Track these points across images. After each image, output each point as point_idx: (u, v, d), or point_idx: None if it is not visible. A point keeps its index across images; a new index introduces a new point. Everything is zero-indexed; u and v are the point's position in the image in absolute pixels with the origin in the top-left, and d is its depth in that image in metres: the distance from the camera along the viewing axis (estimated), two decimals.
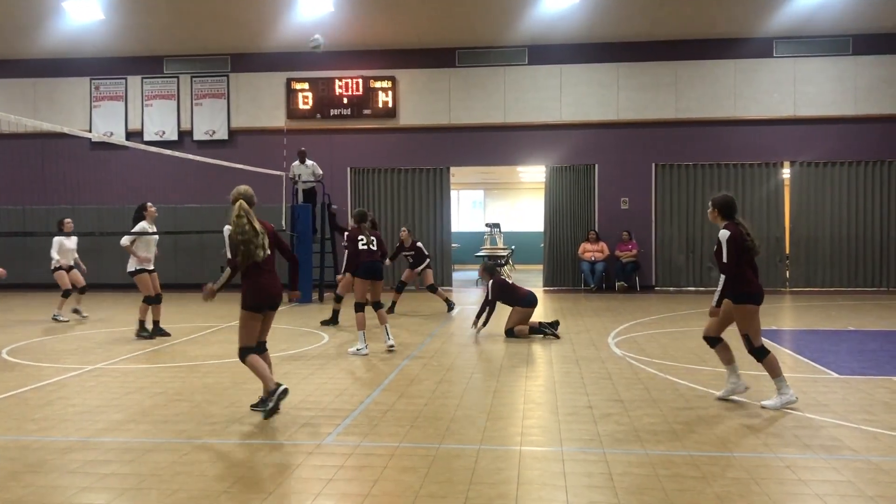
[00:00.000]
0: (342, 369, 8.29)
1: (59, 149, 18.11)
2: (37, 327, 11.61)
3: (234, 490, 4.51)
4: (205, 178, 17.22)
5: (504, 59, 17.94)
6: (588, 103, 17.79)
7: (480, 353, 9.33)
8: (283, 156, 16.58)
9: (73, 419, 6.17)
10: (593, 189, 17.91)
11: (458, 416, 6.21)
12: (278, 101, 18.32)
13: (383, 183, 18.36)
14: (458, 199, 27.37)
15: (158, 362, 8.76)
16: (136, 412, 6.40)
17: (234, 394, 7.01)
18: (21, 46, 17.97)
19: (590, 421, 6.01)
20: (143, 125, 18.60)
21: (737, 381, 6.63)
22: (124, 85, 18.67)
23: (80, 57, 18.45)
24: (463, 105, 18.03)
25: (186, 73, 18.57)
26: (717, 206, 6.64)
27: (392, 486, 4.60)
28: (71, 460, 5.09)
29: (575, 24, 16.73)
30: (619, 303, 14.99)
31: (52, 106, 18.51)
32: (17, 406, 6.65)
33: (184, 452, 5.24)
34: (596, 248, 17.41)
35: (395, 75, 18.06)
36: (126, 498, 4.41)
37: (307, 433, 5.73)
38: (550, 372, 8.10)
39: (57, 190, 18.30)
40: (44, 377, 7.87)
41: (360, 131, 18.23)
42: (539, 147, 18.01)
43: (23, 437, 5.66)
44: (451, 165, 18.35)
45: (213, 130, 18.51)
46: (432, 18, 16.76)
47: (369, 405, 6.57)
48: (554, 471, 4.83)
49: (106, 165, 18.32)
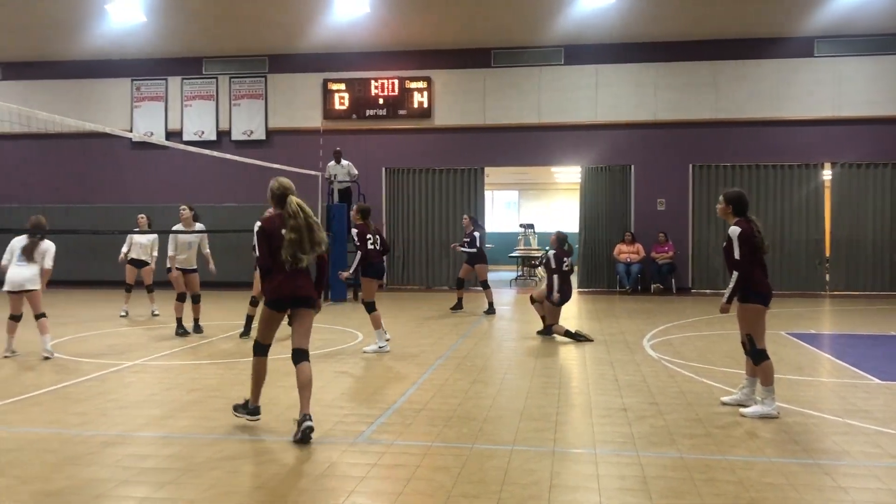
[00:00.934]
0: (375, 368, 8.33)
1: (101, 148, 18.52)
2: (78, 323, 11.85)
3: (269, 486, 4.56)
4: (242, 178, 17.46)
5: (540, 59, 17.88)
6: (624, 103, 17.66)
7: (514, 355, 9.31)
8: (319, 156, 16.72)
9: (113, 414, 6.30)
10: (629, 190, 17.77)
11: (491, 416, 6.21)
12: (315, 102, 18.47)
13: (418, 183, 18.42)
14: (492, 199, 27.34)
15: (196, 359, 8.90)
16: (175, 407, 6.51)
17: (270, 391, 7.08)
18: (65, 48, 18.37)
19: (624, 423, 5.97)
20: (182, 125, 18.88)
21: (751, 394, 6.44)
22: (165, 86, 18.98)
23: (122, 58, 18.80)
24: (498, 105, 18.01)
25: (225, 74, 18.82)
26: (729, 201, 6.43)
27: (425, 485, 4.61)
28: (111, 454, 5.19)
29: (611, 23, 16.62)
30: (655, 305, 14.85)
31: (94, 106, 18.87)
32: (58, 400, 6.80)
33: (220, 448, 5.31)
34: (631, 250, 17.27)
35: (430, 76, 18.10)
36: (164, 492, 4.49)
37: (341, 431, 5.77)
38: (584, 374, 8.06)
39: (99, 189, 18.73)
40: (85, 372, 8.04)
41: (396, 131, 18.31)
42: (574, 147, 17.92)
43: (64, 430, 5.78)
44: (485, 166, 18.35)
45: (251, 131, 18.73)
46: (468, 19, 16.77)
47: (403, 404, 6.59)
48: (587, 473, 4.81)
49: (146, 165, 18.65)
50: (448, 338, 10.49)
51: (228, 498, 4.36)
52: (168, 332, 10.90)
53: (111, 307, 13.55)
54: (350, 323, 11.79)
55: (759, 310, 6.26)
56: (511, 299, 16.41)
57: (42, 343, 8.82)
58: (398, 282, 18.28)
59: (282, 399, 6.70)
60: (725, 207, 6.47)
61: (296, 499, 4.35)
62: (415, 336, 10.63)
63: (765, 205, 17.00)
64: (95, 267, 17.59)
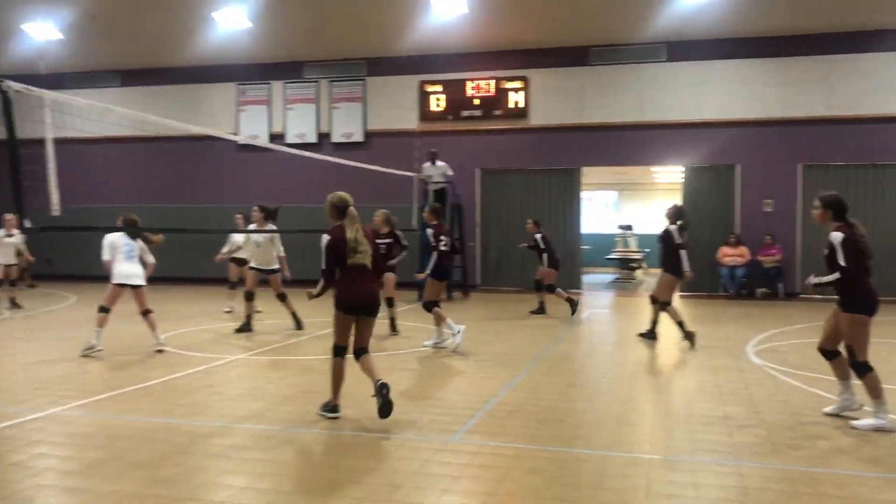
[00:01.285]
0: (469, 368, 8.34)
1: (208, 151, 19.30)
2: (185, 318, 12.37)
3: (364, 482, 4.63)
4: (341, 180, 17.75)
5: (640, 56, 17.50)
6: (730, 101, 17.06)
7: (610, 358, 9.14)
8: (415, 157, 16.89)
9: (217, 406, 6.55)
10: (734, 190, 17.15)
11: (585, 420, 6.11)
12: (411, 104, 18.67)
13: (513, 183, 18.34)
14: (589, 200, 26.93)
15: (295, 355, 9.14)
16: (274, 402, 6.71)
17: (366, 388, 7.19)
18: (176, 55, 19.24)
19: (724, 432, 5.76)
20: (284, 128, 19.46)
21: (850, 397, 6.16)
22: (268, 90, 19.61)
23: (227, 63, 19.52)
24: (596, 104, 17.73)
25: (325, 78, 19.27)
26: (827, 205, 6.05)
27: (517, 486, 4.58)
28: (214, 444, 5.39)
29: (717, 18, 16.08)
30: (760, 310, 14.27)
31: (203, 110, 19.69)
32: (168, 391, 7.13)
33: (317, 442, 5.44)
34: (736, 253, 16.66)
35: (527, 75, 18.00)
36: (263, 482, 4.63)
37: (435, 430, 5.80)
38: (684, 380, 7.82)
39: (206, 190, 19.53)
40: (191, 365, 8.39)
41: (491, 132, 18.30)
42: (676, 147, 17.45)
43: (172, 420, 6.05)
44: (582, 166, 18.09)
45: (350, 133, 19.11)
46: (566, 17, 16.59)
47: (496, 405, 6.57)
48: (684, 481, 4.66)
49: (250, 167, 19.30)
50: (542, 339, 10.40)
51: (324, 491, 4.46)
52: (269, 327, 11.25)
53: (217, 304, 14.08)
54: None
55: (863, 320, 5.90)
56: (608, 302, 16.13)
57: (154, 337, 9.21)
58: (492, 283, 18.26)
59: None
60: (823, 212, 6.10)
61: (389, 495, 4.40)
62: (508, 337, 10.59)
63: (882, 207, 16.07)
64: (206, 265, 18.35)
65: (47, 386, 7.26)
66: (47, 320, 12.41)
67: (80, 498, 4.35)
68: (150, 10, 17.05)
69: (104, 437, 5.58)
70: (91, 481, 4.62)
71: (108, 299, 9.07)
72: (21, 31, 18.02)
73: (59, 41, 18.34)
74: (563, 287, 13.65)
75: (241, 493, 4.44)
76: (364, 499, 4.34)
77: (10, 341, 10.19)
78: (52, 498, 4.35)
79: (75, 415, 6.23)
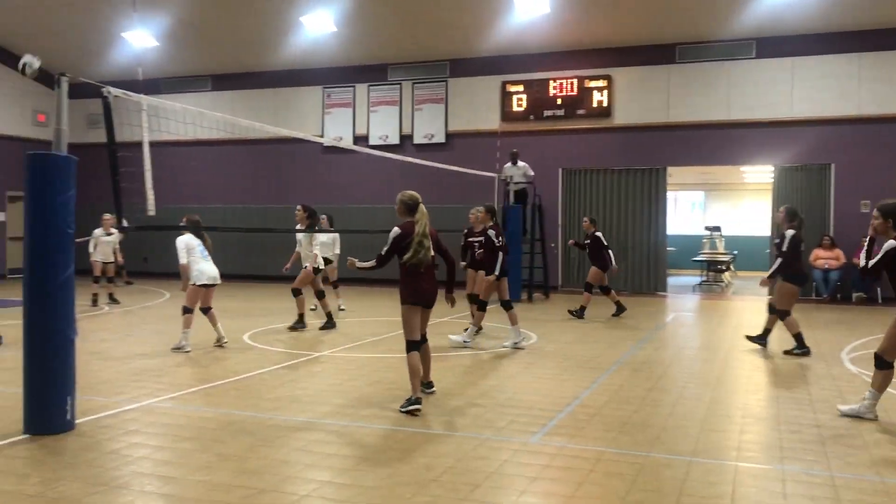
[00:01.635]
0: (549, 369, 8.28)
1: (295, 152, 19.78)
2: (272, 315, 12.71)
3: (443, 479, 4.66)
4: (423, 180, 17.99)
5: (729, 52, 17.00)
6: (824, 98, 16.39)
7: (695, 363, 8.92)
8: (497, 157, 16.88)
9: (302, 401, 6.71)
10: (828, 191, 16.47)
11: (668, 425, 5.99)
12: (493, 104, 18.66)
13: (596, 184, 18.10)
14: (675, 200, 26.35)
15: (377, 352, 9.28)
16: (356, 398, 6.83)
17: (445, 386, 7.25)
18: (265, 60, 19.81)
19: (816, 440, 5.54)
20: (368, 130, 19.75)
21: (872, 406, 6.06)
22: (352, 93, 19.95)
23: (314, 67, 19.96)
24: (682, 102, 17.33)
25: (408, 80, 19.47)
26: (888, 215, 5.88)
27: (597, 490, 4.53)
28: (299, 438, 5.53)
29: (809, 12, 15.49)
30: (856, 315, 13.66)
31: (290, 113, 20.20)
32: (255, 386, 7.35)
33: (398, 439, 5.51)
34: (830, 255, 15.99)
35: (610, 74, 17.75)
36: (345, 477, 4.72)
37: (514, 431, 5.79)
38: (773, 386, 7.57)
39: (293, 190, 20.01)
40: (277, 361, 8.63)
41: (573, 132, 18.11)
42: (766, 146, 16.88)
43: (259, 414, 6.24)
44: (668, 165, 17.71)
45: (432, 134, 19.24)
46: (651, 14, 16.28)
47: (576, 407, 6.51)
48: (772, 490, 4.51)
49: (335, 168, 19.68)
50: (624, 342, 10.24)
51: (404, 488, 4.51)
52: (350, 324, 11.45)
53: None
54: (524, 325, 11.79)
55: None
56: (694, 305, 15.74)
57: (217, 332, 9.42)
58: (573, 284, 18.07)
59: (455, 394, 6.83)
60: (884, 223, 5.94)
61: (468, 494, 4.41)
62: (589, 339, 10.47)
63: None
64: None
65: (143, 378, 7.59)
66: (143, 315, 12.98)
67: (172, 486, 4.53)
68: (241, 16, 17.62)
69: (195, 428, 5.80)
70: (182, 470, 4.81)
71: (190, 300, 9.27)
72: (121, 39, 18.91)
73: (155, 48, 19.16)
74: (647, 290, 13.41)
75: (323, 487, 4.54)
76: (442, 497, 4.37)
77: (109, 335, 10.70)
78: (147, 485, 4.55)
79: (168, 406, 6.49)
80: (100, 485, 4.53)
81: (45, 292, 5.55)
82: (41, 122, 21.22)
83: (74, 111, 9.78)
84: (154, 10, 17.33)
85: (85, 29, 18.82)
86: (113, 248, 14.45)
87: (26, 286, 5.59)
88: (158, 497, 4.37)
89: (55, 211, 5.56)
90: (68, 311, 5.67)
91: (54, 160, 5.64)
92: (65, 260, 5.61)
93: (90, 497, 4.32)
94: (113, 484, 4.56)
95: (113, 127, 6.34)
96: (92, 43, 19.46)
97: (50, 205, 5.55)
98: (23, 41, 19.89)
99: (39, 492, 4.40)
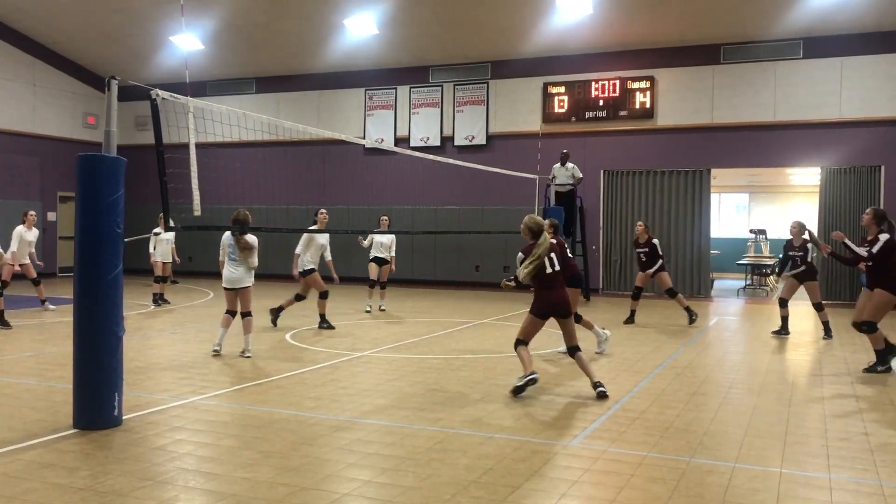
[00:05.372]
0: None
1: (337, 154, 19.96)
2: (316, 315, 12.78)
3: (483, 481, 4.66)
4: (463, 182, 18.06)
5: (775, 53, 16.70)
6: (874, 98, 16.00)
7: (740, 368, 8.78)
8: (538, 159, 16.82)
9: (343, 400, 6.76)
10: (878, 193, 16.07)
11: (712, 430, 5.90)
12: (534, 106, 18.60)
13: (638, 185, 17.92)
14: (719, 202, 25.98)
15: (418, 353, 9.31)
16: (397, 398, 6.86)
17: (486, 388, 7.25)
18: (307, 62, 20.03)
19: (865, 449, 5.41)
20: (409, 132, 19.83)
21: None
22: (394, 95, 20.05)
23: (356, 69, 20.12)
24: (727, 103, 17.08)
25: (450, 82, 19.50)
26: (880, 219, 5.74)
27: (639, 494, 4.48)
28: (340, 437, 5.58)
29: (859, 11, 15.15)
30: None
31: (333, 115, 20.39)
32: (297, 385, 7.43)
33: (438, 440, 5.52)
34: None
35: (653, 75, 17.56)
36: (385, 477, 4.74)
37: (555, 433, 5.76)
38: (820, 392, 7.41)
39: (335, 191, 20.19)
40: (319, 360, 8.71)
41: (615, 133, 17.96)
42: (813, 147, 16.54)
43: (301, 412, 6.30)
44: (711, 167, 17.46)
45: (473, 136, 19.25)
46: (695, 14, 16.07)
47: (617, 411, 6.46)
48: (819, 499, 4.42)
49: (376, 169, 19.79)
50: (668, 346, 10.12)
51: (444, 488, 4.52)
52: (395, 324, 11.49)
53: (351, 301, 14.51)
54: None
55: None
56: (738, 309, 15.49)
57: (245, 343, 8.87)
58: (616, 288, 17.93)
59: (496, 397, 6.82)
60: (871, 220, 5.91)
61: (507, 496, 4.41)
62: (632, 342, 10.37)
63: None
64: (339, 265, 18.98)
65: (188, 376, 7.73)
66: (189, 314, 13.20)
67: (216, 482, 4.60)
68: (285, 19, 17.85)
69: (238, 426, 5.88)
70: (226, 467, 4.88)
71: (227, 303, 9.13)
72: (169, 43, 19.29)
73: (202, 52, 19.50)
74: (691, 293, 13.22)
75: (364, 486, 4.58)
76: (483, 498, 4.37)
77: (156, 333, 10.92)
78: (191, 481, 4.63)
79: (212, 404, 6.60)
80: (146, 479, 4.62)
81: (94, 290, 5.68)
82: (91, 124, 21.78)
83: (123, 113, 9.99)
84: (201, 14, 17.64)
85: (135, 33, 19.26)
86: (171, 248, 14.75)
87: (76, 284, 5.73)
88: (202, 493, 4.45)
89: (104, 211, 5.69)
90: (116, 308, 5.80)
91: (104, 161, 5.77)
92: (113, 259, 5.74)
93: (137, 491, 4.41)
94: (158, 479, 4.65)
95: (161, 129, 6.47)
96: (141, 47, 19.91)
97: (99, 205, 5.68)
98: (76, 46, 20.45)
99: (88, 485, 4.50)
